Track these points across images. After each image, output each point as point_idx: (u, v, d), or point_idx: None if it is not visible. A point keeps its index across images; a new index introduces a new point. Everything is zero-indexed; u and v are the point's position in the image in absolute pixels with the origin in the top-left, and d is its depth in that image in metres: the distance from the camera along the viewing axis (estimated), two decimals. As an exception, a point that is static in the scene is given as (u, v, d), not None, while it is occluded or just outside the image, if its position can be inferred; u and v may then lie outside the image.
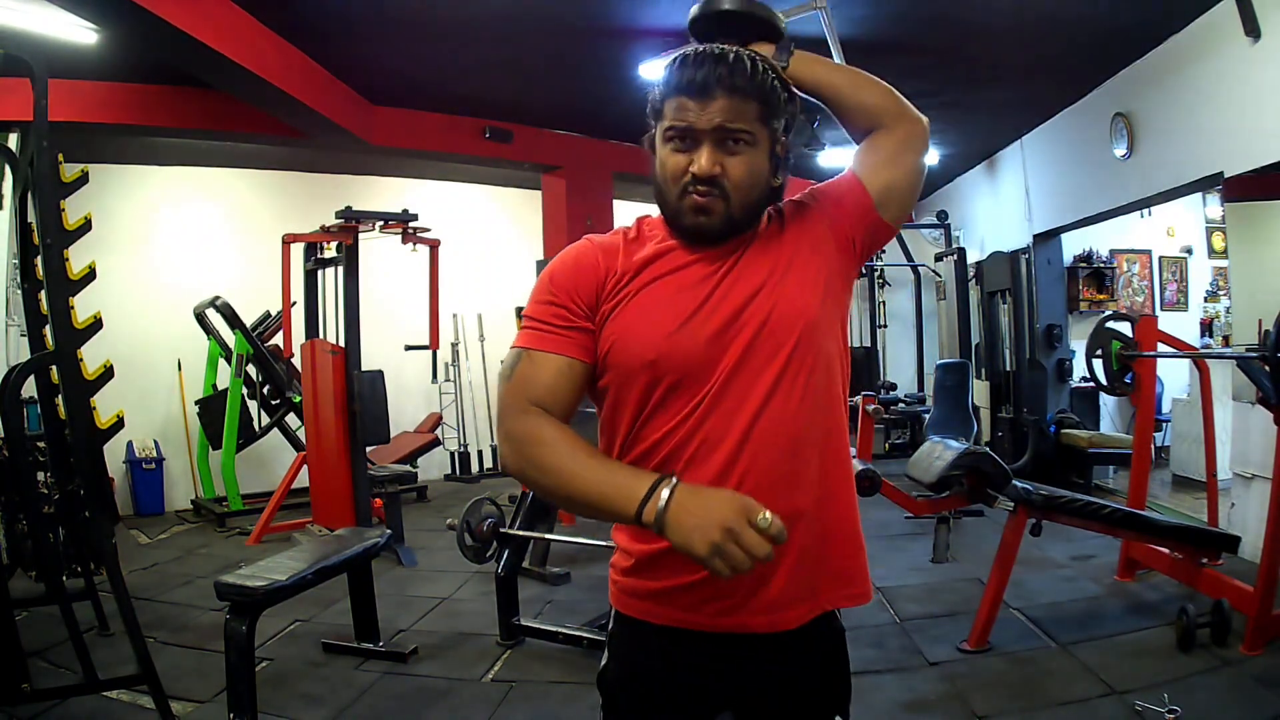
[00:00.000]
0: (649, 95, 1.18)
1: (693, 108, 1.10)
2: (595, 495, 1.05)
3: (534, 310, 1.18)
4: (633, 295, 1.15)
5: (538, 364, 1.14)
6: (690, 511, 0.97)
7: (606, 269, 1.17)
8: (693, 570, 1.08)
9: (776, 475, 1.12)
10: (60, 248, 2.87)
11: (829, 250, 1.20)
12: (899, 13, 4.46)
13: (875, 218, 1.23)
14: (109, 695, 2.87)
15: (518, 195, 8.10)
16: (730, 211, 1.13)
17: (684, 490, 1.00)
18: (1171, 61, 4.75)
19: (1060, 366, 6.55)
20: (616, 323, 1.15)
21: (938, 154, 7.29)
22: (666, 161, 1.15)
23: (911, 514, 4.16)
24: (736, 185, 1.12)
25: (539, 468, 1.10)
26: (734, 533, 0.94)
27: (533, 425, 1.11)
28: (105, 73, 4.90)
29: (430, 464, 7.39)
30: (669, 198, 1.16)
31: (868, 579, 1.25)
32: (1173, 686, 2.76)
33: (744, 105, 1.11)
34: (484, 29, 4.64)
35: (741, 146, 1.12)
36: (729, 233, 1.15)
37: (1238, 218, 4.77)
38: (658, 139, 1.16)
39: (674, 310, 1.14)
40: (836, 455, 1.19)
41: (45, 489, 3.28)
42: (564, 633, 3.41)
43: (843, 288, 1.23)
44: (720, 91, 1.09)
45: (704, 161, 1.11)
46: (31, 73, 2.68)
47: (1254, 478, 4.03)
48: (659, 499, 0.99)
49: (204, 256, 6.80)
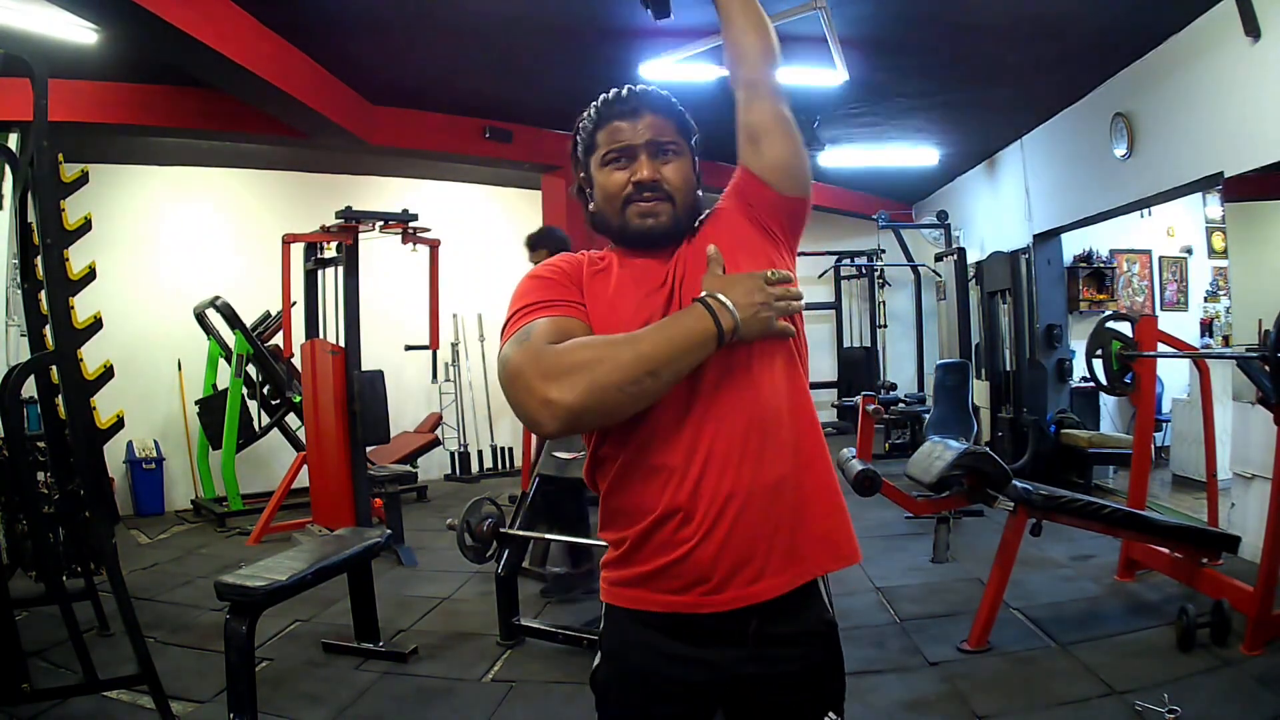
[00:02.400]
0: (572, 144, 1.33)
1: (625, 128, 1.25)
2: (676, 352, 1.10)
3: (535, 296, 1.22)
4: (598, 288, 1.25)
5: (558, 324, 1.17)
6: (743, 305, 1.13)
7: (580, 264, 1.29)
8: (680, 547, 1.16)
9: (745, 449, 1.16)
10: (60, 248, 2.87)
11: (759, 241, 1.28)
12: (899, 13, 4.46)
13: (780, 198, 1.29)
14: (109, 695, 2.87)
15: (518, 195, 8.10)
16: (676, 212, 1.25)
17: (720, 294, 1.13)
18: (1171, 61, 4.75)
19: (1060, 366, 6.55)
20: (591, 311, 1.23)
21: (938, 154, 7.29)
22: (607, 182, 1.27)
23: (911, 514, 4.17)
24: (676, 187, 1.25)
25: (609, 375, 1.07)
26: (767, 293, 1.15)
27: (570, 350, 1.10)
28: (105, 73, 4.90)
29: (430, 464, 7.40)
30: (613, 214, 1.27)
31: (854, 540, 1.27)
32: (1173, 686, 2.76)
33: (666, 122, 1.27)
34: (484, 29, 4.64)
35: (671, 155, 1.26)
36: (675, 234, 1.26)
37: (1238, 218, 4.77)
38: (594, 168, 1.29)
39: (637, 301, 1.22)
40: (807, 425, 1.23)
41: (45, 489, 3.28)
42: (564, 633, 3.41)
43: (779, 264, 1.27)
44: (647, 110, 1.25)
45: (645, 170, 1.24)
46: (31, 73, 2.69)
47: (1254, 478, 4.03)
48: (724, 314, 1.12)
49: (204, 256, 6.80)
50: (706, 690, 1.22)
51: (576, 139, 1.32)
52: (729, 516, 1.14)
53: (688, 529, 1.15)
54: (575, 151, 1.33)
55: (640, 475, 1.18)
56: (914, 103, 5.80)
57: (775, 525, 1.17)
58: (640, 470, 1.18)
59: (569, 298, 1.22)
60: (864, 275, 9.43)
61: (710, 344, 1.11)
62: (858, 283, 9.61)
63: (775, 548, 1.17)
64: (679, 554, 1.16)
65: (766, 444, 1.17)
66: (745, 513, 1.15)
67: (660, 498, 1.16)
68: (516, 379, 1.10)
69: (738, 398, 1.17)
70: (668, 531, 1.16)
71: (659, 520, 1.17)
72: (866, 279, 9.38)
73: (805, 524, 1.20)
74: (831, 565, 1.23)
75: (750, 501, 1.15)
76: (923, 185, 8.77)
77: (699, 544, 1.15)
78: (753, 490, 1.15)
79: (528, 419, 1.10)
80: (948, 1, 4.32)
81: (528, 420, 1.10)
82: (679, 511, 1.15)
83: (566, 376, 1.07)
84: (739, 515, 1.15)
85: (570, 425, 1.08)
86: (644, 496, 1.18)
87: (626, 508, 1.21)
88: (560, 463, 3.77)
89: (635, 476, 1.19)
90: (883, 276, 9.27)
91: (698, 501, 1.15)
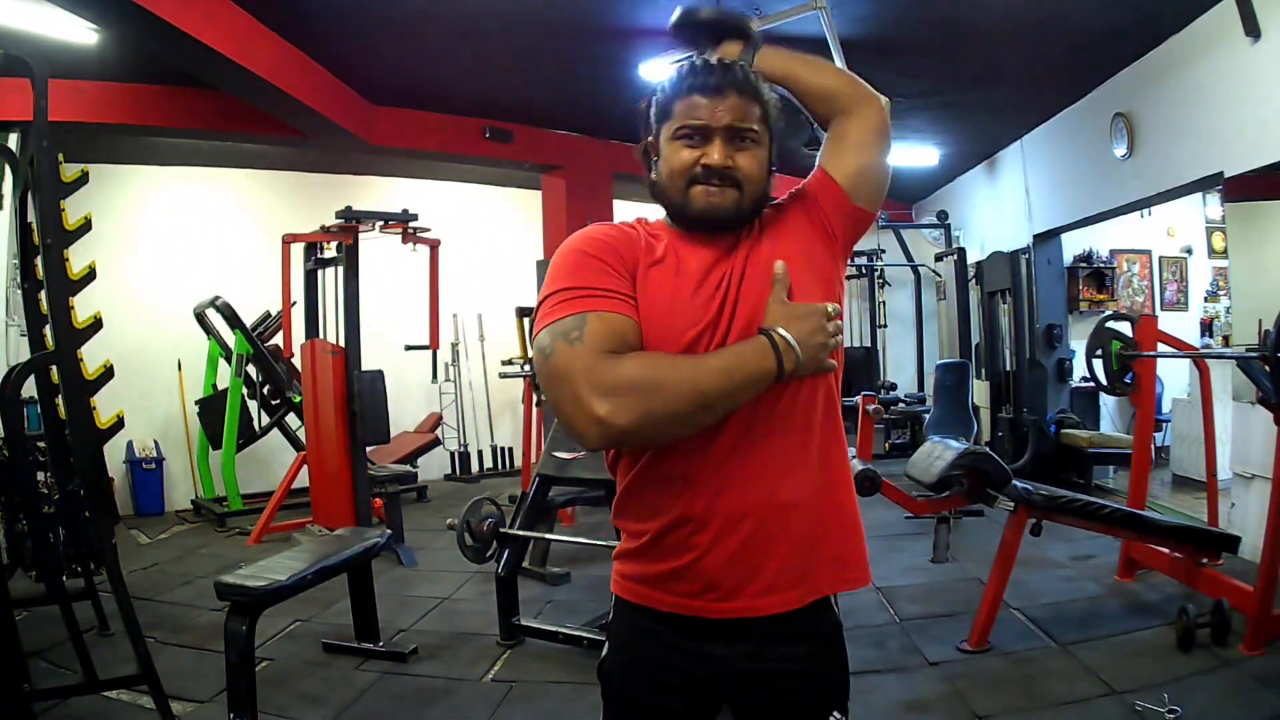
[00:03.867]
0: (647, 103, 1.23)
1: (705, 105, 1.16)
2: (734, 388, 1.07)
3: (584, 280, 1.13)
4: (653, 284, 1.17)
5: (612, 325, 1.10)
6: (806, 346, 1.10)
7: (637, 243, 1.21)
8: (691, 552, 1.15)
9: (770, 469, 1.14)
10: (60, 248, 2.86)
11: (817, 249, 1.24)
12: (899, 13, 4.46)
13: (851, 207, 1.26)
14: (109, 695, 2.86)
15: (518, 195, 8.10)
16: (742, 202, 1.18)
17: (786, 331, 1.09)
18: (1171, 61, 4.75)
19: (1060, 366, 6.55)
20: (641, 304, 1.15)
21: (938, 154, 7.29)
22: (674, 157, 1.18)
23: (911, 514, 4.17)
24: (748, 177, 1.18)
25: (665, 404, 1.03)
26: (828, 332, 1.12)
27: (627, 366, 1.05)
28: (105, 73, 4.90)
29: (430, 464, 7.39)
30: (675, 191, 1.19)
31: (865, 563, 1.26)
32: (1173, 686, 2.75)
33: (751, 106, 1.18)
34: (484, 29, 4.64)
35: (748, 144, 1.18)
36: (737, 221, 1.20)
37: (1238, 218, 4.77)
38: (664, 139, 1.20)
39: (690, 304, 1.16)
40: (834, 450, 1.21)
41: (45, 489, 3.28)
42: (564, 632, 3.40)
43: (836, 280, 1.26)
44: (732, 92, 1.16)
45: (716, 154, 1.16)
46: (31, 73, 2.68)
47: (1254, 478, 4.03)
48: (789, 354, 1.08)
49: (204, 256, 6.80)
50: (711, 685, 1.22)
51: (652, 100, 1.23)
52: (743, 532, 1.14)
53: (701, 536, 1.15)
54: (648, 112, 1.23)
55: (661, 480, 1.17)
56: (914, 103, 5.79)
57: (790, 545, 1.16)
58: (662, 475, 1.17)
59: (620, 289, 1.14)
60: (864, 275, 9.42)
61: (768, 382, 1.08)
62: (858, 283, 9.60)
63: (788, 567, 1.16)
64: (690, 558, 1.15)
65: (792, 467, 1.16)
66: (760, 529, 1.14)
67: (676, 504, 1.16)
68: (564, 383, 1.05)
69: (771, 421, 1.14)
70: (683, 535, 1.16)
71: (674, 523, 1.16)
72: (866, 279, 9.37)
73: (820, 545, 1.19)
74: (840, 587, 1.23)
75: (767, 518, 1.14)
76: (923, 185, 8.77)
77: (710, 552, 1.14)
78: (771, 506, 1.14)
79: (572, 430, 1.06)
80: (948, 1, 4.32)
81: (571, 431, 1.06)
82: (693, 520, 1.15)
83: (622, 396, 1.03)
84: (754, 531, 1.14)
85: (616, 444, 1.08)
86: (663, 500, 1.17)
87: (645, 506, 1.20)
88: (560, 463, 3.77)
89: (656, 480, 1.18)
90: (883, 276, 9.26)
91: (714, 513, 1.14)
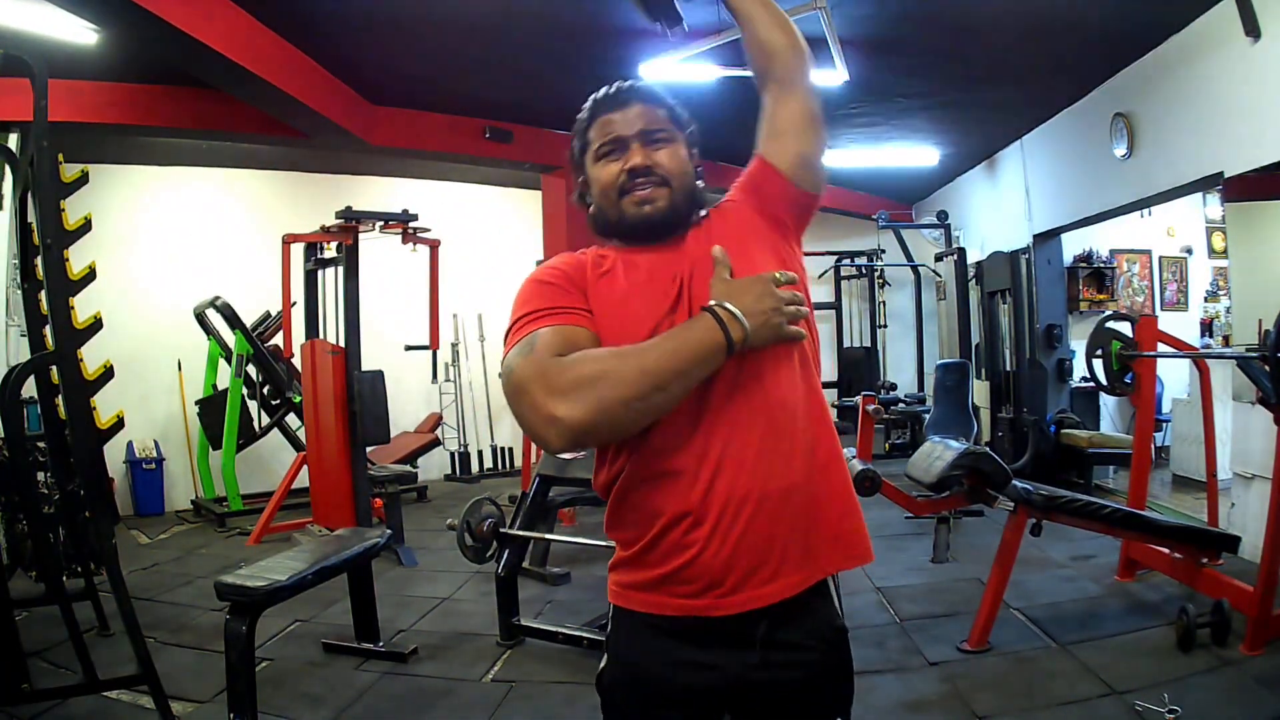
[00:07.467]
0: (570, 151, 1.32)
1: (616, 119, 1.25)
2: (684, 365, 1.08)
3: (537, 303, 1.19)
4: (604, 292, 1.22)
5: (563, 334, 1.14)
6: (752, 314, 1.11)
7: (584, 265, 1.26)
8: (688, 550, 1.14)
9: (758, 453, 1.15)
10: (60, 248, 2.87)
11: (773, 235, 1.27)
12: (899, 13, 4.46)
13: (796, 192, 1.29)
14: (109, 695, 2.87)
15: (518, 195, 8.11)
16: (673, 198, 1.24)
17: (729, 303, 1.11)
18: (1171, 61, 4.75)
19: (1060, 366, 6.55)
20: (595, 310, 1.20)
21: (938, 154, 7.28)
22: (601, 175, 1.26)
23: (911, 514, 4.16)
24: (671, 171, 1.24)
25: (616, 390, 1.05)
26: (777, 296, 1.13)
27: (576, 364, 1.07)
28: (105, 73, 4.90)
29: (430, 464, 7.40)
30: (609, 207, 1.26)
31: (866, 540, 1.25)
32: (1173, 686, 2.75)
33: (656, 111, 1.26)
34: (484, 29, 4.63)
35: (663, 142, 1.25)
36: (674, 221, 1.25)
37: (1238, 218, 4.77)
38: (589, 166, 1.28)
39: (644, 305, 1.19)
40: (821, 428, 1.22)
41: (45, 489, 3.29)
42: (564, 633, 3.41)
43: (793, 260, 1.28)
44: (636, 101, 1.26)
45: (637, 156, 1.23)
46: (31, 73, 2.68)
47: (1254, 478, 4.03)
48: (734, 324, 1.10)
49: (204, 256, 6.80)
50: (713, 695, 1.20)
51: (574, 143, 1.31)
52: (742, 520, 1.13)
53: (698, 531, 1.14)
54: (573, 156, 1.32)
55: (651, 480, 1.17)
56: (914, 103, 5.79)
57: (789, 528, 1.16)
58: (651, 475, 1.17)
59: (573, 304, 1.19)
60: (864, 275, 9.43)
61: (719, 356, 1.10)
62: (858, 283, 9.61)
63: (789, 550, 1.16)
64: (689, 556, 1.15)
65: (779, 448, 1.16)
66: (758, 516, 1.14)
67: (671, 501, 1.15)
68: (522, 393, 1.08)
69: (749, 402, 1.15)
70: (678, 534, 1.15)
71: (670, 523, 1.16)
72: (866, 279, 9.38)
73: (819, 526, 1.19)
74: (844, 564, 1.22)
75: (763, 505, 1.14)
76: (923, 185, 8.77)
77: (710, 546, 1.14)
78: (765, 494, 1.14)
79: (534, 435, 1.09)
80: (948, 1, 4.32)
81: (534, 436, 1.09)
82: (689, 514, 1.14)
83: (573, 392, 1.05)
84: (751, 519, 1.14)
85: (577, 442, 1.07)
86: (655, 500, 1.17)
87: (637, 510, 1.19)
88: (561, 463, 3.77)
89: (646, 481, 1.17)
90: (883, 276, 9.27)
91: (709, 505, 1.13)
